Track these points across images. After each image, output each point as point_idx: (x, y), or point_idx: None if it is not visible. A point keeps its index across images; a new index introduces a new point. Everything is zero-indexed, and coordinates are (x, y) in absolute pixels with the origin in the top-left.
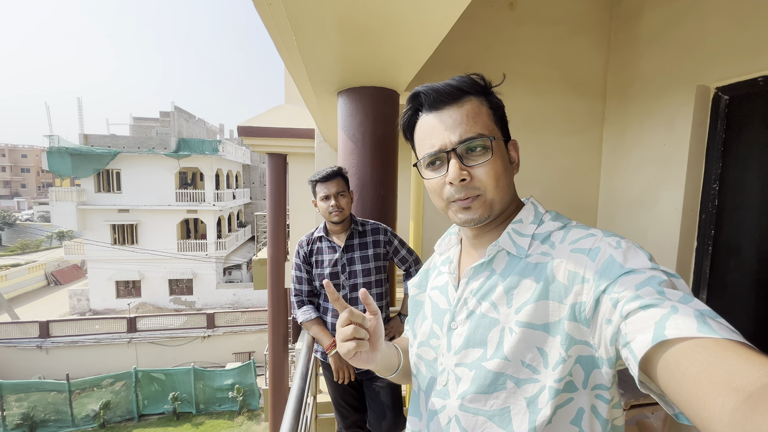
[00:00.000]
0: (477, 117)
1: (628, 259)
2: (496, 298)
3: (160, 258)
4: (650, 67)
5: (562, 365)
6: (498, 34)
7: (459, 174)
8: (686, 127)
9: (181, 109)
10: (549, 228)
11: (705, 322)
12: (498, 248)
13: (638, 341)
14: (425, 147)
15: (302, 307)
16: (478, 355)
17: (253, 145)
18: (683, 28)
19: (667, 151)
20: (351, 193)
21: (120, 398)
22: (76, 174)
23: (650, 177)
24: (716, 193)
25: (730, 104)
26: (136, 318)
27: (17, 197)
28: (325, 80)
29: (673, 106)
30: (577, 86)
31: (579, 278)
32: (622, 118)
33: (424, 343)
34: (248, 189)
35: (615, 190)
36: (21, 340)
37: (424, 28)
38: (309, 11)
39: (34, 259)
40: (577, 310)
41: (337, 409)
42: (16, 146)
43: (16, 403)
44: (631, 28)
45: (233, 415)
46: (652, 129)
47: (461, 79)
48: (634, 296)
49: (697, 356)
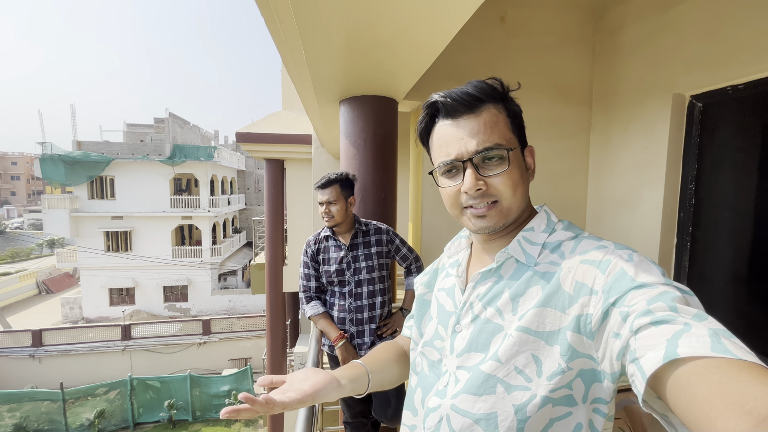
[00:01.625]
0: (494, 126)
1: (640, 272)
2: (501, 305)
3: (155, 265)
4: (632, 77)
5: (561, 376)
6: (490, 45)
7: (475, 184)
8: (665, 132)
9: (175, 115)
10: (560, 237)
11: (719, 341)
12: (507, 255)
13: (648, 358)
14: (441, 155)
15: (310, 302)
16: (478, 360)
17: (251, 151)
18: (661, 41)
19: (648, 155)
20: (351, 199)
21: (115, 407)
22: (70, 182)
23: (633, 179)
24: (693, 193)
25: (703, 111)
26: (131, 326)
27: (7, 205)
28: (328, 90)
29: (653, 112)
30: (566, 94)
31: (586, 290)
32: (608, 124)
33: (428, 344)
34: (243, 195)
35: (602, 192)
36: (13, 349)
37: (425, 42)
38: (321, 29)
39: (24, 268)
40: (582, 322)
41: (342, 399)
42: (5, 154)
43: (8, 413)
44: (614, 40)
45: (230, 422)
46: (635, 134)
47: (479, 86)
48: (645, 311)
49: (709, 376)
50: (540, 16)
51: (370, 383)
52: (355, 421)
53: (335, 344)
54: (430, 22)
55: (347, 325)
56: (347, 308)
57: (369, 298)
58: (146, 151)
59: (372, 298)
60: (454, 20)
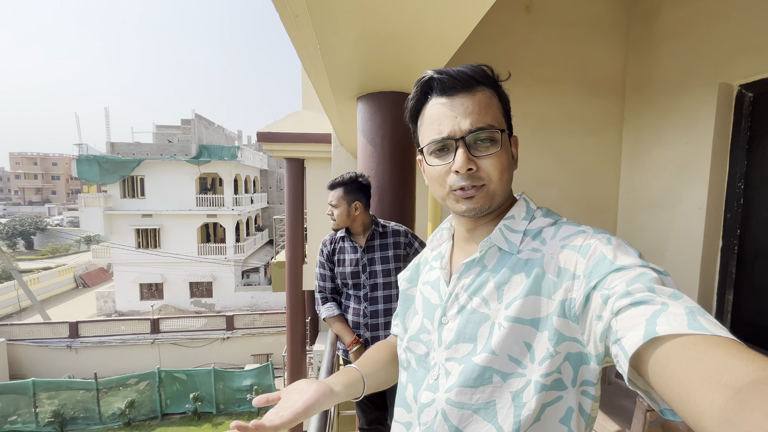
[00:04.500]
0: (488, 108)
1: (618, 256)
2: (487, 294)
3: (182, 261)
4: (671, 66)
5: (550, 360)
6: (514, 37)
7: (466, 163)
8: (709, 125)
9: (201, 116)
10: (540, 224)
11: (695, 318)
12: (490, 244)
13: (629, 338)
14: (432, 132)
15: (326, 303)
16: (468, 350)
17: (272, 150)
18: (704, 26)
19: (689, 150)
20: (357, 204)
21: (144, 397)
22: (104, 181)
23: (671, 176)
24: (741, 192)
25: (754, 101)
26: (159, 320)
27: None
28: (345, 87)
29: (695, 104)
30: (594, 87)
31: (569, 274)
32: (642, 118)
33: (414, 338)
34: (265, 193)
35: (635, 191)
36: (52, 340)
37: (444, 35)
38: (335, 22)
39: (63, 263)
40: (566, 306)
41: (358, 405)
42: (47, 155)
43: (47, 400)
44: (650, 27)
45: (252, 416)
46: (674, 128)
47: (474, 68)
48: (624, 293)
49: (687, 353)
50: (568, 4)
51: (366, 387)
52: (370, 427)
53: (349, 349)
54: (449, 14)
55: (362, 330)
56: (362, 313)
57: (385, 303)
58: (174, 151)
59: (388, 304)
60: (475, 11)
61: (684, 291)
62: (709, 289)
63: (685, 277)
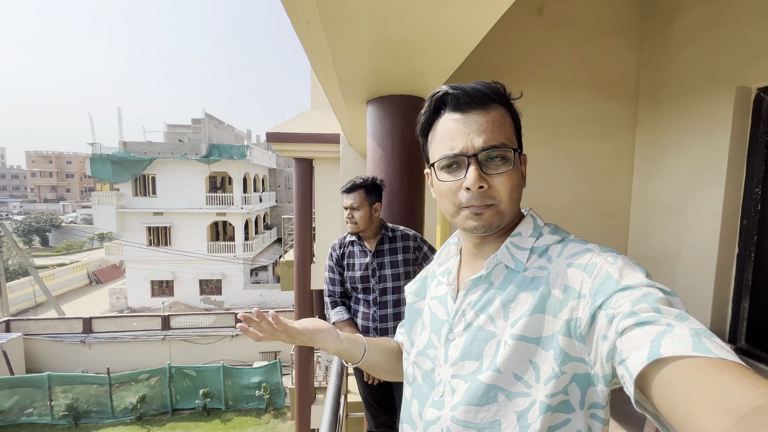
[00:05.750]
0: (501, 126)
1: (624, 275)
2: (493, 311)
3: (192, 259)
4: (686, 69)
5: (555, 380)
6: (526, 39)
7: (478, 181)
8: (726, 129)
9: (211, 115)
10: (547, 241)
11: (700, 341)
12: (496, 261)
13: (634, 359)
14: (444, 148)
15: (335, 307)
16: (474, 368)
17: (281, 151)
18: (721, 28)
19: (705, 154)
20: (377, 206)
21: (155, 393)
22: (116, 179)
23: (686, 180)
24: (759, 197)
25: None
26: (170, 316)
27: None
28: (355, 90)
29: (712, 107)
30: (608, 90)
31: (575, 293)
32: (656, 121)
33: (421, 353)
34: (274, 192)
35: (648, 195)
36: (66, 335)
37: (456, 39)
38: (346, 28)
39: (77, 259)
40: (572, 325)
41: (367, 408)
42: (61, 153)
43: (62, 394)
44: (665, 29)
45: (260, 413)
46: (688, 131)
47: (488, 85)
48: (630, 313)
49: (691, 375)
50: (581, 5)
51: (365, 355)
52: (379, 430)
53: None
54: (462, 18)
55: (371, 334)
56: (371, 317)
57: (394, 307)
58: (184, 150)
59: (397, 308)
60: (489, 15)
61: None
62: (725, 297)
63: (699, 284)
